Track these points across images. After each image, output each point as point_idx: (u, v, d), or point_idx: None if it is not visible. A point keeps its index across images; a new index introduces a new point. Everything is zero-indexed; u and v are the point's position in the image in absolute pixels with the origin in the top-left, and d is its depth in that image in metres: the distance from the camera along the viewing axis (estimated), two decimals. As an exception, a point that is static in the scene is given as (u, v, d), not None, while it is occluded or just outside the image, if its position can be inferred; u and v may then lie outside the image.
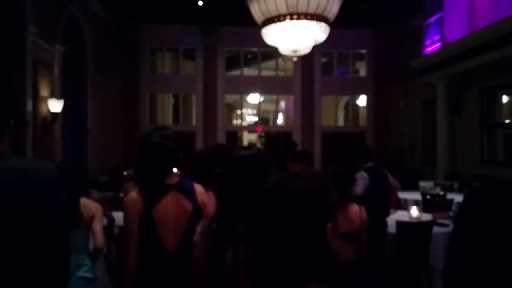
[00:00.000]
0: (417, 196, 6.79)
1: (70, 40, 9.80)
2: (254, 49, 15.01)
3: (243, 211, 1.36)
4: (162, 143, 2.03)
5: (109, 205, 3.95)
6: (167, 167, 2.06)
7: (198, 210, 2.08)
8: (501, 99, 9.14)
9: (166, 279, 2.02)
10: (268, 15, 8.30)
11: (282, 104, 17.02)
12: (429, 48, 10.24)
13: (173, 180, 2.07)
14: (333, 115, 15.93)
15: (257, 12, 8.44)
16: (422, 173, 11.20)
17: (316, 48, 10.14)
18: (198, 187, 2.17)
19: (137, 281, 2.00)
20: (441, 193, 6.82)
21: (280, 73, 16.05)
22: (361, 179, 4.19)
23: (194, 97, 15.05)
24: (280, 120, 17.07)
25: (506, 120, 9.08)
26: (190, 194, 2.09)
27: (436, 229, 4.31)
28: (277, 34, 8.50)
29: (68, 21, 9.70)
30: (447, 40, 9.35)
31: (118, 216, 3.23)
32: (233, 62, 15.47)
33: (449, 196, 6.51)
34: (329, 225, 0.89)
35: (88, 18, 10.94)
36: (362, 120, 15.76)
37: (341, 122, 16.30)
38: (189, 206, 2.06)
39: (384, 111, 14.62)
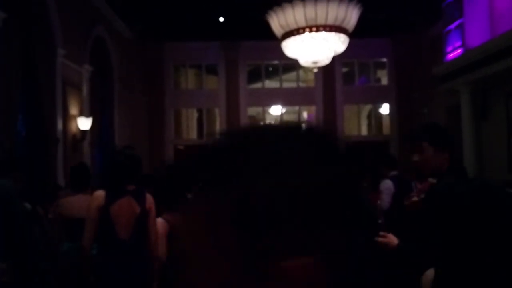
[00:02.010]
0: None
1: (97, 60, 10.20)
2: (275, 62, 15.16)
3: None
4: (124, 163, 2.79)
5: None
6: (126, 179, 2.79)
7: (144, 212, 2.79)
8: (528, 104, 8.94)
9: (119, 262, 2.65)
10: (287, 29, 8.44)
11: (305, 115, 17.04)
12: (451, 55, 10.14)
13: (131, 188, 2.80)
14: (356, 125, 15.83)
15: (276, 26, 8.60)
16: (449, 180, 10.98)
17: (336, 58, 10.19)
18: (148, 196, 2.87)
19: (96, 263, 2.68)
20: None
21: (302, 84, 16.13)
22: (386, 190, 4.38)
23: (217, 111, 15.28)
24: (303, 131, 17.04)
25: (534, 125, 8.87)
26: (141, 200, 2.80)
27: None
28: (297, 47, 8.62)
29: (95, 42, 10.11)
30: (468, 46, 9.25)
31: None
32: (254, 75, 15.66)
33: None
34: None
35: (113, 38, 11.36)
36: (386, 128, 15.60)
37: (364, 131, 16.18)
38: (137, 208, 2.77)
39: (408, 119, 14.41)
